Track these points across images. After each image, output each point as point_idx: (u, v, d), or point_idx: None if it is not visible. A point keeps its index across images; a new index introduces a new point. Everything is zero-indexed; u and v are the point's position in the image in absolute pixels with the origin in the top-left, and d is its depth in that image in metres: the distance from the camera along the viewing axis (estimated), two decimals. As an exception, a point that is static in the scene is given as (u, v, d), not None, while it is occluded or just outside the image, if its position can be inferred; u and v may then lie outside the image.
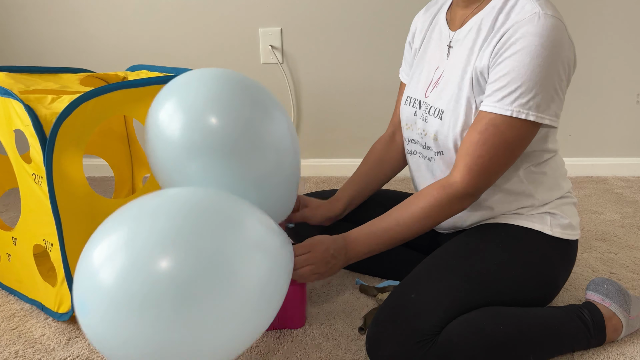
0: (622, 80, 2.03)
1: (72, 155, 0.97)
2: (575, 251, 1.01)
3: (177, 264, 0.65)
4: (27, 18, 2.14)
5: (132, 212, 0.71)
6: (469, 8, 0.95)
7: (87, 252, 0.69)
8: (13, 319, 1.09)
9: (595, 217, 1.64)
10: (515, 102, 0.83)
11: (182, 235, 0.67)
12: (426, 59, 1.04)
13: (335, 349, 0.96)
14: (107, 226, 0.71)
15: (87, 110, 0.97)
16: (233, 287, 0.67)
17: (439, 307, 0.84)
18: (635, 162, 2.11)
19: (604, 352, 0.94)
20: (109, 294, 0.64)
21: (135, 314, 0.64)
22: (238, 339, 0.71)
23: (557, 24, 0.83)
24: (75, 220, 0.99)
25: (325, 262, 0.90)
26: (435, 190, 0.90)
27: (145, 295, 0.63)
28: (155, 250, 0.65)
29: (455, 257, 0.93)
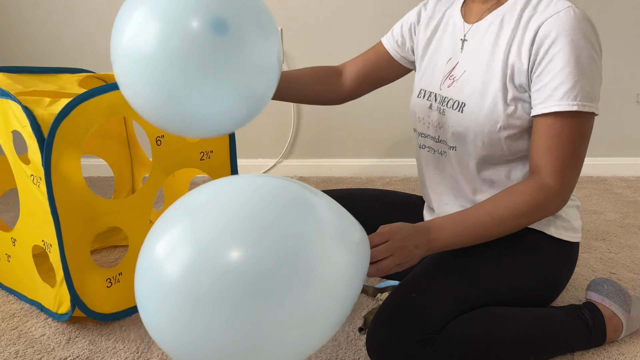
0: (622, 80, 2.03)
1: (70, 156, 0.97)
2: (576, 254, 1.00)
3: (253, 255, 0.59)
4: (27, 18, 2.14)
5: (194, 202, 0.65)
6: (486, 3, 0.95)
7: (148, 246, 0.63)
8: (13, 319, 1.09)
9: (595, 217, 1.64)
10: (578, 96, 0.83)
11: (257, 223, 0.61)
12: (440, 52, 1.03)
13: (335, 349, 0.96)
14: (168, 217, 0.64)
15: (85, 110, 0.97)
16: (312, 279, 0.61)
17: (439, 307, 0.84)
18: (635, 162, 2.11)
19: (604, 352, 0.94)
20: (175, 289, 0.59)
21: (206, 309, 0.59)
22: (314, 336, 0.65)
23: (588, 16, 0.86)
24: (73, 221, 0.99)
25: (406, 252, 0.81)
26: (530, 189, 0.86)
27: (218, 289, 0.58)
28: (228, 240, 0.60)
29: (456, 257, 0.92)
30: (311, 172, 2.21)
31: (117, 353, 0.96)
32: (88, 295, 1.02)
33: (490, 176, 0.96)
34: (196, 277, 0.59)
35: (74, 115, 0.96)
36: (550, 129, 0.85)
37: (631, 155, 2.11)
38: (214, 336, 0.60)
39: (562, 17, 0.84)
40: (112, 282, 1.06)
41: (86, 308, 1.02)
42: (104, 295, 1.05)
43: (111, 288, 1.06)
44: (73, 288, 1.00)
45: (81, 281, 1.01)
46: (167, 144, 1.10)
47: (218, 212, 0.63)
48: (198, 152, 1.16)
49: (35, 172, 0.99)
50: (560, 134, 0.85)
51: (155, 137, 1.08)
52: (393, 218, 1.23)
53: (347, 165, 2.20)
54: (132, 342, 1.00)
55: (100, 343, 1.00)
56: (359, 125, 2.16)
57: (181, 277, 0.59)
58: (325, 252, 0.64)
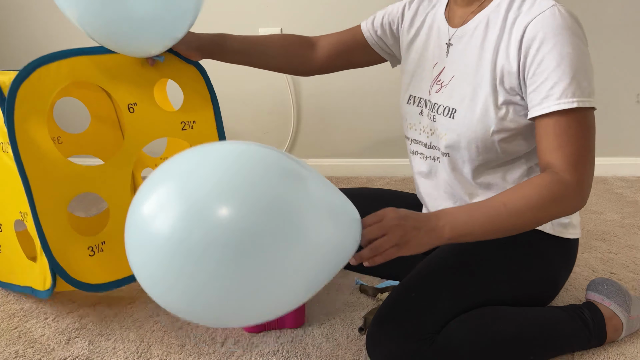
0: (622, 80, 2.03)
1: (35, 119, 0.95)
2: (575, 250, 1.00)
3: (241, 212, 0.62)
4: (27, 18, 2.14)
5: (181, 164, 0.67)
6: (470, 6, 0.94)
7: (137, 205, 0.66)
8: (13, 319, 1.09)
9: (595, 217, 1.64)
10: (576, 92, 0.82)
11: (244, 183, 0.64)
12: (427, 57, 1.02)
13: (335, 349, 0.96)
14: (156, 178, 0.67)
15: (46, 74, 0.96)
16: (296, 240, 0.65)
17: (439, 307, 0.84)
18: (635, 162, 2.11)
19: (604, 352, 0.94)
20: (167, 243, 0.62)
21: (197, 262, 0.62)
22: (291, 296, 0.69)
23: (573, 13, 0.85)
24: (45, 185, 0.96)
25: (402, 231, 0.78)
26: (547, 182, 0.82)
27: (208, 243, 0.61)
28: (217, 197, 0.62)
29: (455, 257, 0.92)
30: (311, 172, 2.21)
31: (117, 353, 0.96)
32: (69, 264, 0.99)
33: (486, 180, 0.96)
34: (187, 231, 0.62)
35: (34, 77, 0.95)
36: (556, 127, 0.83)
37: (631, 155, 2.11)
38: (202, 287, 0.63)
39: (547, 17, 0.83)
40: (95, 250, 1.03)
41: (67, 276, 0.98)
42: (87, 265, 1.02)
43: (94, 257, 1.03)
44: (51, 253, 0.97)
45: (60, 248, 0.98)
46: (140, 111, 1.08)
47: (206, 172, 0.65)
48: (178, 122, 1.14)
49: (3, 138, 0.97)
50: (568, 130, 0.83)
51: (127, 105, 1.07)
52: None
53: (347, 165, 2.20)
54: (132, 342, 1.00)
55: (100, 343, 1.00)
56: (359, 125, 2.15)
57: (172, 232, 0.62)
58: (310, 218, 0.66)
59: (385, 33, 1.12)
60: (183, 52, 1.10)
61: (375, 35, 1.13)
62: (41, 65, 0.96)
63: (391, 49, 1.14)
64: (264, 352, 0.96)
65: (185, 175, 0.65)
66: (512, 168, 0.95)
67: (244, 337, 1.00)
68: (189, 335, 1.02)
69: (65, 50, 0.99)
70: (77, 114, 1.56)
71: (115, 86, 1.05)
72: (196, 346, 0.98)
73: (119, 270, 1.05)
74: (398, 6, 1.10)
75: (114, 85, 1.05)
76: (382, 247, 0.78)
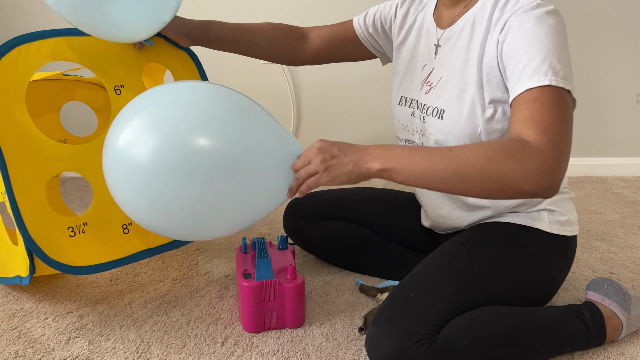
0: (622, 80, 2.03)
1: (13, 96, 0.94)
2: (574, 247, 1.01)
3: (216, 141, 0.75)
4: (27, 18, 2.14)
5: (147, 99, 0.79)
6: (456, 7, 0.95)
7: (112, 137, 0.78)
8: (13, 319, 1.09)
9: (595, 217, 1.64)
10: (549, 71, 0.78)
11: (216, 114, 0.77)
12: (417, 58, 1.03)
13: (335, 349, 0.96)
14: (125, 114, 0.79)
15: (26, 52, 0.95)
16: (257, 170, 0.79)
17: (438, 307, 0.84)
18: (635, 162, 2.11)
19: (604, 352, 0.94)
20: (146, 167, 0.73)
21: (176, 182, 0.74)
22: (249, 213, 0.84)
23: (558, 13, 0.84)
24: (23, 162, 0.95)
25: (323, 158, 0.78)
26: (508, 139, 0.76)
27: (186, 165, 0.73)
28: (190, 127, 0.75)
29: (454, 257, 0.93)
30: (311, 172, 2.21)
31: (117, 353, 0.96)
32: (47, 243, 0.97)
33: None
34: (165, 156, 0.73)
35: (13, 55, 0.94)
36: (527, 98, 0.78)
37: (631, 155, 2.11)
38: (181, 204, 0.75)
39: (525, 8, 0.83)
40: (76, 231, 1.01)
41: (45, 256, 0.96)
42: (67, 245, 1.00)
43: (75, 238, 1.01)
44: (27, 232, 0.94)
45: (37, 227, 0.96)
46: (128, 94, 1.07)
47: (174, 104, 0.78)
48: None
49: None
50: (541, 98, 0.77)
51: (114, 87, 1.06)
52: (393, 217, 1.24)
53: (347, 165, 2.20)
54: (132, 342, 1.00)
55: (100, 343, 1.00)
56: (360, 124, 2.16)
57: (151, 158, 0.73)
58: (266, 144, 0.81)
59: (377, 31, 1.13)
60: (172, 37, 1.10)
61: (366, 32, 1.14)
62: (21, 44, 0.95)
63: (382, 47, 1.15)
64: (264, 352, 0.96)
65: (153, 107, 0.79)
66: None
67: (244, 337, 1.01)
68: (189, 335, 1.02)
69: (47, 30, 0.98)
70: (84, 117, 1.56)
71: (101, 67, 1.04)
72: (196, 346, 0.98)
73: (101, 253, 1.03)
74: (391, 5, 1.11)
75: (99, 67, 1.04)
76: (302, 176, 0.81)
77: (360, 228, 1.25)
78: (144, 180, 0.75)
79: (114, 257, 1.05)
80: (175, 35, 1.10)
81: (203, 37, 1.13)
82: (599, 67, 2.03)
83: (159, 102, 0.78)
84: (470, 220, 1.01)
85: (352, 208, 1.27)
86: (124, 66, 1.07)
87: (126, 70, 1.07)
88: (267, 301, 1.00)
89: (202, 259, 1.37)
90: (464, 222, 1.02)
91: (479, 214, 1.00)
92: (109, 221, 1.05)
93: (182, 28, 1.10)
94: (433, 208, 1.07)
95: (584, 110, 2.07)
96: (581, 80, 2.05)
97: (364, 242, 1.24)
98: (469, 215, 1.01)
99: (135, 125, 0.77)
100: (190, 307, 1.12)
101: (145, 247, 1.09)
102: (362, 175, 0.79)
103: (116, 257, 1.05)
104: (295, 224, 1.30)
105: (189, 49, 1.16)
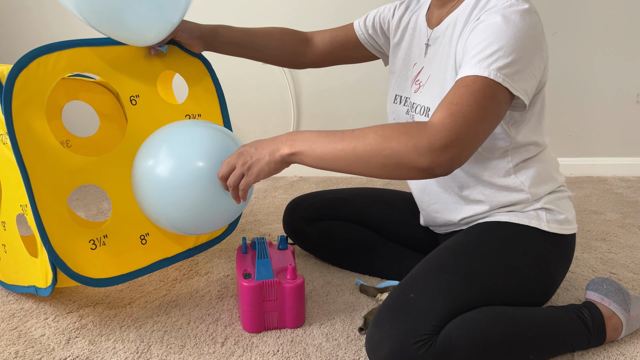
0: (622, 80, 2.03)
1: (33, 110, 0.94)
2: (573, 245, 1.01)
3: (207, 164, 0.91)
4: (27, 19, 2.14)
5: (169, 137, 0.96)
6: (444, 7, 0.98)
7: (143, 160, 0.94)
8: (13, 319, 1.09)
9: (595, 217, 1.64)
10: (492, 64, 0.79)
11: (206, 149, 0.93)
12: (411, 57, 1.06)
13: (335, 349, 0.96)
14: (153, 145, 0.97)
15: (45, 64, 0.95)
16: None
17: (438, 307, 0.84)
18: (635, 162, 2.11)
19: (604, 352, 0.94)
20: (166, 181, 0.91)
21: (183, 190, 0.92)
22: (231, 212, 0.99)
23: (532, 12, 0.84)
24: (45, 175, 0.95)
25: (243, 159, 0.86)
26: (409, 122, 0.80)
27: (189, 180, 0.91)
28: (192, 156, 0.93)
29: (453, 257, 0.93)
30: (311, 172, 2.21)
31: (117, 353, 0.96)
32: (70, 257, 0.97)
33: (472, 170, 0.98)
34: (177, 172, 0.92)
35: (33, 67, 0.94)
36: (460, 83, 0.80)
37: (631, 155, 2.11)
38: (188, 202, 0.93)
39: (498, 7, 0.85)
40: (97, 244, 1.01)
41: (68, 269, 0.97)
42: (88, 258, 1.00)
43: (96, 251, 1.01)
44: (51, 246, 0.95)
45: (61, 241, 0.96)
46: (143, 103, 1.08)
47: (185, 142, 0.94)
48: (183, 115, 1.13)
49: (2, 129, 0.96)
50: (470, 85, 0.78)
51: (129, 97, 1.06)
52: (393, 216, 1.25)
53: (347, 165, 2.20)
54: (132, 342, 1.00)
55: (100, 343, 1.00)
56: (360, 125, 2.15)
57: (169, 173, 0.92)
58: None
59: (377, 32, 1.15)
60: (185, 42, 1.10)
61: (367, 33, 1.17)
62: (40, 55, 0.95)
63: (382, 48, 1.17)
64: (264, 352, 0.96)
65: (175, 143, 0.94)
66: (497, 159, 0.97)
67: (244, 337, 1.01)
68: (189, 335, 1.02)
69: (65, 41, 0.98)
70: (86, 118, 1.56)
71: (117, 78, 1.05)
72: (196, 346, 0.98)
73: (121, 264, 1.04)
74: (390, 7, 1.14)
75: (115, 77, 1.04)
76: (232, 183, 0.87)
77: (360, 228, 1.26)
78: (164, 188, 0.92)
79: (133, 268, 1.06)
80: (189, 38, 1.10)
81: (214, 40, 1.14)
82: (599, 67, 2.03)
83: (175, 140, 0.94)
84: (466, 214, 1.01)
85: (352, 208, 1.27)
86: (139, 76, 1.07)
87: (141, 80, 1.08)
88: (267, 301, 1.00)
89: (202, 259, 1.37)
90: (458, 216, 1.02)
91: (475, 208, 1.00)
92: (128, 232, 1.06)
93: (195, 32, 1.10)
94: (428, 203, 1.07)
95: (584, 110, 2.07)
96: (581, 80, 2.05)
97: (364, 242, 1.24)
98: (464, 209, 1.01)
99: (160, 154, 0.93)
100: (190, 307, 1.12)
101: (162, 257, 1.11)
102: (279, 162, 0.84)
103: (135, 268, 1.06)
104: (295, 224, 1.30)
105: (201, 55, 1.16)
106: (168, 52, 1.10)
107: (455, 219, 1.03)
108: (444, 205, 1.04)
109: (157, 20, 0.99)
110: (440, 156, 0.76)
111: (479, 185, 0.99)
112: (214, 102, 1.18)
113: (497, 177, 0.97)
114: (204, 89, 1.17)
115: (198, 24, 1.12)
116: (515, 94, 0.82)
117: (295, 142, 0.83)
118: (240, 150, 0.89)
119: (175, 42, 1.11)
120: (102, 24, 0.96)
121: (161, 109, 1.10)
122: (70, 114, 1.66)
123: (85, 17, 0.95)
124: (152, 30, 1.01)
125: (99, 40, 1.02)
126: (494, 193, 0.98)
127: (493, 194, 0.98)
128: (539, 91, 0.93)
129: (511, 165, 0.97)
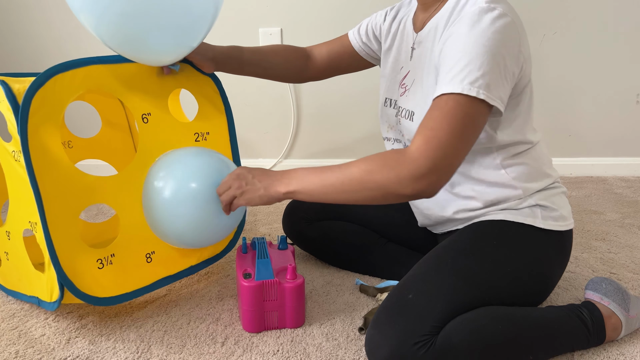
0: (622, 80, 2.04)
1: (48, 128, 0.94)
2: (570, 241, 1.01)
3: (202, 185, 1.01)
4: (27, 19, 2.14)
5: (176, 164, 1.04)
6: (427, 11, 0.99)
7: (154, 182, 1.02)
8: (13, 319, 1.10)
9: (595, 217, 1.64)
10: (465, 79, 0.80)
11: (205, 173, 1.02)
12: (399, 61, 1.08)
13: (335, 349, 0.96)
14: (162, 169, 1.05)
15: (61, 82, 0.95)
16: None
17: (437, 308, 0.84)
18: (635, 162, 2.11)
19: (604, 352, 0.94)
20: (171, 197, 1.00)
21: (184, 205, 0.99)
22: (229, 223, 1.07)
23: (502, 15, 0.83)
24: (56, 194, 0.95)
25: (239, 184, 0.94)
26: (389, 152, 0.84)
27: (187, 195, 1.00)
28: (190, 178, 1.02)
29: (451, 257, 0.93)
30: (311, 172, 2.21)
31: (117, 353, 0.96)
32: (78, 277, 0.98)
33: (461, 171, 0.99)
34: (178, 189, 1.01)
35: (49, 85, 0.94)
36: (434, 104, 0.82)
37: (631, 155, 2.11)
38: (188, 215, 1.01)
39: (469, 13, 0.84)
40: (104, 263, 1.02)
41: (76, 289, 0.97)
42: (95, 278, 1.01)
43: (103, 270, 1.02)
44: (60, 266, 0.95)
45: (69, 261, 0.97)
46: (154, 122, 1.08)
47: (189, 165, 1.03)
48: (192, 133, 1.14)
49: (16, 147, 0.96)
50: (442, 106, 0.81)
51: (141, 115, 1.06)
52: (392, 218, 1.25)
53: (347, 165, 2.20)
54: (132, 342, 1.00)
55: (100, 343, 1.00)
56: (359, 125, 2.16)
57: (173, 191, 1.01)
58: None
59: (370, 39, 1.17)
60: (197, 63, 1.11)
61: (361, 42, 1.19)
62: (57, 74, 0.95)
63: (377, 54, 1.20)
64: (264, 352, 0.96)
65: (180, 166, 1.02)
66: (482, 156, 0.97)
67: (244, 337, 1.01)
68: (189, 335, 1.02)
69: (80, 59, 0.99)
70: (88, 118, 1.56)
71: (130, 96, 1.05)
72: (196, 346, 0.98)
73: (126, 283, 1.05)
74: (382, 13, 1.16)
75: (128, 95, 1.05)
76: (224, 199, 0.96)
77: (360, 228, 1.26)
78: (171, 204, 1.00)
79: (138, 286, 1.06)
80: (202, 60, 1.11)
81: (229, 62, 1.15)
82: (599, 67, 2.03)
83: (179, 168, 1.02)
84: (457, 207, 1.01)
85: (351, 208, 1.28)
86: (151, 94, 1.08)
87: (153, 98, 1.08)
88: (267, 301, 1.00)
89: (202, 259, 1.37)
90: (450, 209, 1.02)
91: (466, 203, 1.00)
92: (134, 251, 1.06)
93: (208, 53, 1.11)
94: (421, 201, 1.08)
95: (584, 110, 2.07)
96: (581, 80, 2.05)
97: (364, 242, 1.24)
98: (455, 201, 1.01)
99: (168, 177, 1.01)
100: (190, 307, 1.12)
101: (166, 274, 1.12)
102: (273, 198, 0.91)
103: (140, 286, 1.07)
104: (295, 224, 1.30)
105: (213, 74, 1.17)
106: (180, 70, 1.11)
107: (447, 213, 1.03)
108: (435, 201, 1.05)
109: (177, 46, 0.99)
110: (421, 183, 0.79)
111: (469, 182, 0.99)
112: (222, 120, 1.20)
113: (485, 173, 0.97)
114: (214, 107, 1.18)
115: (212, 46, 1.13)
116: (492, 104, 0.82)
117: (290, 181, 0.89)
118: (238, 172, 0.96)
119: (187, 60, 1.11)
120: (121, 47, 0.96)
121: (171, 127, 1.11)
122: (71, 114, 1.66)
123: (105, 41, 0.94)
124: (171, 55, 1.01)
125: (112, 58, 1.03)
126: (485, 189, 0.98)
127: (484, 190, 0.99)
128: (522, 90, 0.93)
129: (498, 162, 0.97)
